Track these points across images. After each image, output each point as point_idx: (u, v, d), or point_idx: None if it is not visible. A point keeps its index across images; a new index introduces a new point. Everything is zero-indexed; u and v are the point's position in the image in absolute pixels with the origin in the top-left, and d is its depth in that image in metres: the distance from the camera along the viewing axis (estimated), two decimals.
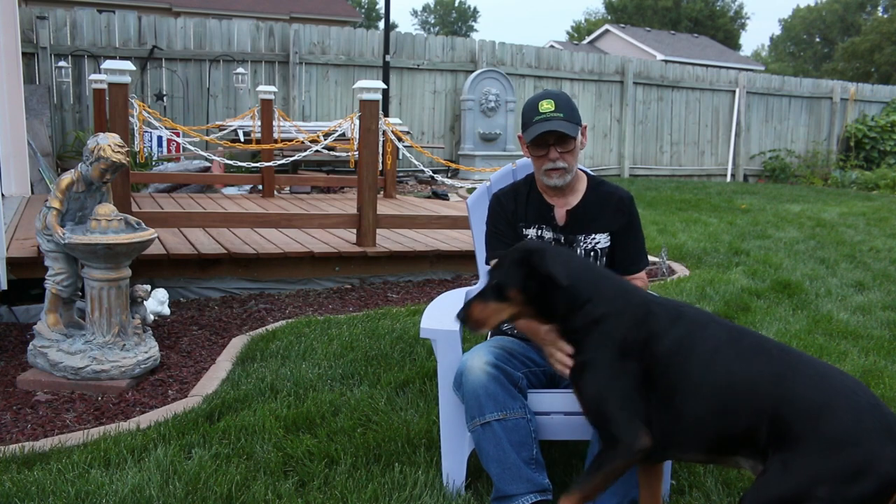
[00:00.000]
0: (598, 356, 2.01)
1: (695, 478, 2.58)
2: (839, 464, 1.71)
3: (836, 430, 1.75)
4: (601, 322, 2.02)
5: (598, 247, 2.53)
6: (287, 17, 21.80)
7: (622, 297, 2.07)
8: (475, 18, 65.99)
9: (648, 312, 2.01)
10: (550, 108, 2.41)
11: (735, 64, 30.65)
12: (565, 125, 2.40)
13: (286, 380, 3.37)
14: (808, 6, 56.80)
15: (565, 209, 2.54)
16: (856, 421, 1.75)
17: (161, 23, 11.07)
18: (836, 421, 1.76)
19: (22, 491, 2.37)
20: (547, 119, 2.41)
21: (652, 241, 7.08)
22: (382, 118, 6.38)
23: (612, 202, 2.55)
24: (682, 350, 1.96)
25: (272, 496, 2.40)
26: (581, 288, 2.05)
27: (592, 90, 14.64)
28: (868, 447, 1.72)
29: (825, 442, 1.74)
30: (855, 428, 1.74)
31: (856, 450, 1.72)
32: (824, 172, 16.63)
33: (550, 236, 2.54)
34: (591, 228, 2.53)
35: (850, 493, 1.69)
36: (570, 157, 2.47)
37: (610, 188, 2.60)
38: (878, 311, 4.84)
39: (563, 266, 2.03)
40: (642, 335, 1.98)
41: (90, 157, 3.43)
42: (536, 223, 2.56)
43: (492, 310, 2.09)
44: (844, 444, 1.73)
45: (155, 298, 4.17)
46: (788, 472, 1.75)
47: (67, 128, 10.43)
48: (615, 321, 2.02)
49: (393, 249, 5.49)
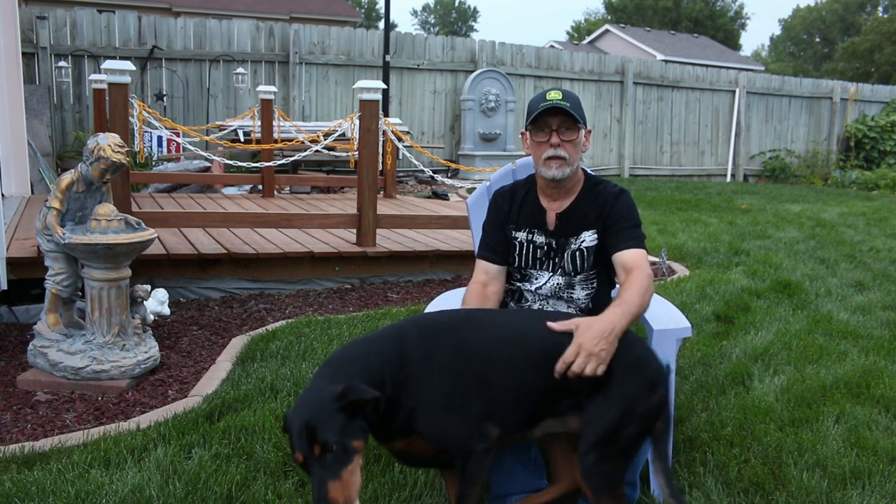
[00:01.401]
0: (416, 401, 1.95)
1: (695, 478, 2.58)
2: (642, 381, 2.05)
3: (634, 354, 2.07)
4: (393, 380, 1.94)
5: (583, 246, 2.46)
6: (287, 17, 21.81)
7: (374, 357, 1.96)
8: (475, 18, 66.01)
9: (401, 344, 1.99)
10: (558, 97, 2.40)
11: (735, 64, 30.65)
12: (570, 109, 2.39)
13: (286, 380, 3.37)
14: (808, 6, 56.81)
15: (555, 213, 2.51)
16: (641, 344, 2.15)
17: (161, 23, 11.07)
18: (633, 348, 2.09)
19: (22, 491, 2.37)
20: (552, 104, 2.39)
21: (652, 241, 7.08)
22: (382, 118, 6.38)
23: (601, 198, 2.48)
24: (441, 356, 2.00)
25: (272, 496, 2.40)
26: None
27: (592, 90, 14.64)
28: (654, 361, 2.11)
29: (629, 367, 2.04)
30: (644, 349, 2.13)
31: (649, 365, 2.09)
32: (824, 172, 16.63)
33: (542, 240, 2.51)
34: (579, 229, 2.48)
35: (652, 402, 2.04)
36: (570, 148, 2.42)
37: (604, 186, 2.54)
38: (878, 311, 4.84)
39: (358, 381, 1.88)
40: (403, 368, 1.95)
41: (90, 157, 3.43)
42: (527, 227, 2.53)
43: (348, 478, 1.76)
44: (642, 364, 2.08)
45: (155, 298, 4.17)
46: (610, 402, 2.01)
47: (67, 128, 10.43)
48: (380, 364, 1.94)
49: (393, 249, 5.49)
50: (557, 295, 2.53)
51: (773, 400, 3.25)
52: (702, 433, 2.91)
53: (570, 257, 2.48)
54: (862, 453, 2.76)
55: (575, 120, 2.40)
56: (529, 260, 2.54)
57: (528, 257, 2.53)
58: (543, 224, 2.52)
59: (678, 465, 2.66)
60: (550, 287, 2.52)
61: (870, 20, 48.68)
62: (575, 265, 2.48)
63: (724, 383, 3.48)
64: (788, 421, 3.05)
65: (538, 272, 2.54)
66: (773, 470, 2.64)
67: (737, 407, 3.17)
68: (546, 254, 2.52)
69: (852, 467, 2.63)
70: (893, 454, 2.76)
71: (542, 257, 2.52)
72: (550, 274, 2.52)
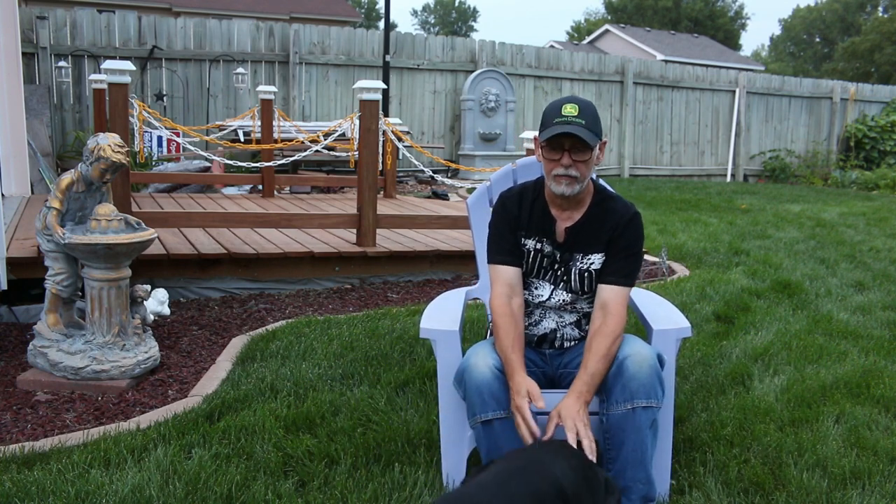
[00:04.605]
0: None
1: (695, 478, 2.57)
2: None
3: None
4: None
5: (591, 268, 2.47)
6: (287, 17, 21.82)
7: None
8: (475, 18, 66.04)
9: None
10: (573, 113, 2.34)
11: (735, 64, 30.67)
12: (584, 132, 2.33)
13: (286, 380, 3.37)
14: (808, 6, 56.84)
15: (565, 226, 2.49)
16: None
17: (161, 23, 11.07)
18: None
19: (22, 491, 2.37)
20: (567, 122, 2.33)
21: (652, 241, 7.08)
22: (382, 118, 6.38)
23: (612, 218, 2.46)
24: None
25: (272, 496, 2.40)
26: None
27: (592, 90, 14.64)
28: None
29: None
30: None
31: None
32: (824, 172, 16.64)
33: (550, 250, 2.51)
34: (588, 248, 2.47)
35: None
36: (583, 168, 2.39)
37: (616, 205, 2.50)
38: (878, 311, 4.84)
39: None
40: None
41: (90, 157, 3.43)
42: (537, 235, 2.52)
43: None
44: None
45: (155, 298, 4.17)
46: None
47: (67, 128, 10.43)
48: None
49: (393, 249, 5.49)
50: (562, 308, 2.55)
51: (773, 400, 3.25)
52: (702, 433, 2.91)
53: (578, 276, 2.48)
54: (862, 453, 2.76)
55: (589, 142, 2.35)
56: (535, 268, 2.53)
57: (535, 266, 2.53)
58: (552, 234, 2.50)
59: (678, 465, 2.66)
60: (555, 302, 2.54)
61: (870, 20, 48.69)
62: (582, 285, 2.49)
63: (724, 383, 3.48)
64: (788, 421, 3.05)
65: (540, 282, 2.54)
66: (773, 470, 2.64)
67: (737, 407, 3.17)
68: (550, 264, 2.52)
69: (852, 467, 2.63)
70: (893, 454, 2.76)
71: (546, 266, 2.52)
72: (553, 287, 2.53)
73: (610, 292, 2.42)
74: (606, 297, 2.42)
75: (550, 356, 2.58)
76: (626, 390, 2.26)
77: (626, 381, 2.26)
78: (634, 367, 2.26)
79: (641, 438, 2.27)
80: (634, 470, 2.28)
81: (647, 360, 2.27)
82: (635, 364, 2.27)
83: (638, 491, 2.28)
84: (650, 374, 2.26)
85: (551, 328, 2.57)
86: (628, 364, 2.27)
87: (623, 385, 2.26)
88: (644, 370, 2.26)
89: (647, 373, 2.26)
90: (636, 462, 2.27)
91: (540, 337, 2.58)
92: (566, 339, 2.57)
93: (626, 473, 2.27)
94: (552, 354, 2.58)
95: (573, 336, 2.57)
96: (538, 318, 2.58)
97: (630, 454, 2.27)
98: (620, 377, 2.27)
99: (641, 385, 2.25)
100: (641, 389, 2.25)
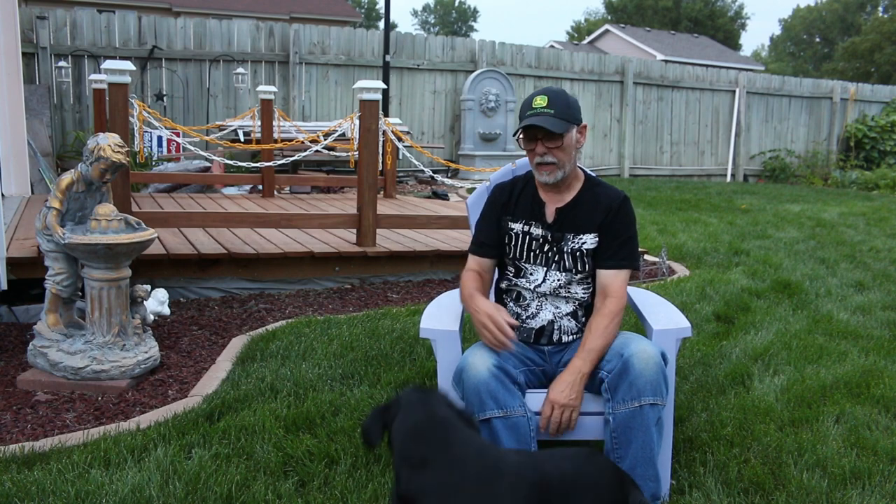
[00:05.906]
0: None
1: (695, 478, 2.58)
2: None
3: None
4: None
5: (584, 247, 2.52)
6: (287, 17, 21.82)
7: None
8: (475, 18, 66.07)
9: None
10: (542, 105, 2.45)
11: (735, 64, 30.67)
12: (551, 121, 2.42)
13: (286, 380, 3.37)
14: (808, 6, 56.86)
15: (555, 206, 2.56)
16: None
17: (161, 23, 11.07)
18: None
19: (22, 491, 2.37)
20: (536, 114, 2.44)
21: (652, 241, 7.08)
22: (382, 118, 6.38)
23: (603, 202, 2.54)
24: None
25: (272, 496, 2.40)
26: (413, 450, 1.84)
27: (592, 90, 14.64)
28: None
29: None
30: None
31: None
32: (824, 172, 16.63)
33: (539, 232, 2.56)
34: (579, 228, 2.53)
35: None
36: (559, 153, 2.47)
37: (606, 189, 2.60)
38: (878, 311, 4.84)
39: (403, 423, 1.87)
40: None
41: (90, 157, 3.43)
42: (525, 218, 2.59)
43: None
44: None
45: (155, 298, 4.18)
46: None
47: (67, 128, 10.43)
48: None
49: (393, 249, 5.49)
50: (556, 293, 2.54)
51: (773, 400, 3.25)
52: (702, 433, 2.91)
53: (570, 255, 2.53)
54: (862, 453, 2.76)
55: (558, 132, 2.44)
56: (524, 252, 2.58)
57: (523, 249, 2.58)
58: (542, 216, 2.57)
59: (678, 464, 2.66)
60: (550, 285, 2.55)
61: (870, 20, 48.70)
62: (575, 263, 2.52)
63: (724, 383, 3.48)
64: (788, 421, 3.05)
65: (532, 266, 2.57)
66: (773, 470, 2.64)
67: (737, 407, 3.17)
68: (541, 246, 2.55)
69: (852, 467, 2.63)
70: (893, 454, 2.76)
71: (536, 250, 2.56)
72: (546, 269, 2.55)
73: (609, 276, 2.50)
74: (606, 281, 2.50)
75: (550, 353, 2.59)
76: (632, 388, 2.27)
77: (633, 379, 2.27)
78: (640, 364, 2.27)
79: (649, 436, 2.28)
80: (644, 468, 2.29)
81: (653, 358, 2.29)
82: (641, 362, 2.27)
83: (648, 489, 2.28)
84: (656, 372, 2.28)
85: (548, 319, 2.57)
86: (634, 362, 2.28)
87: (630, 383, 2.27)
88: (650, 368, 2.27)
89: (653, 370, 2.27)
90: (645, 459, 2.29)
91: (538, 331, 2.58)
92: (563, 331, 2.57)
93: (635, 471, 2.28)
94: (551, 351, 2.58)
95: (570, 329, 2.57)
96: (535, 309, 2.59)
97: (639, 452, 2.28)
98: (626, 375, 2.28)
99: (648, 382, 2.26)
100: (648, 387, 2.26)
